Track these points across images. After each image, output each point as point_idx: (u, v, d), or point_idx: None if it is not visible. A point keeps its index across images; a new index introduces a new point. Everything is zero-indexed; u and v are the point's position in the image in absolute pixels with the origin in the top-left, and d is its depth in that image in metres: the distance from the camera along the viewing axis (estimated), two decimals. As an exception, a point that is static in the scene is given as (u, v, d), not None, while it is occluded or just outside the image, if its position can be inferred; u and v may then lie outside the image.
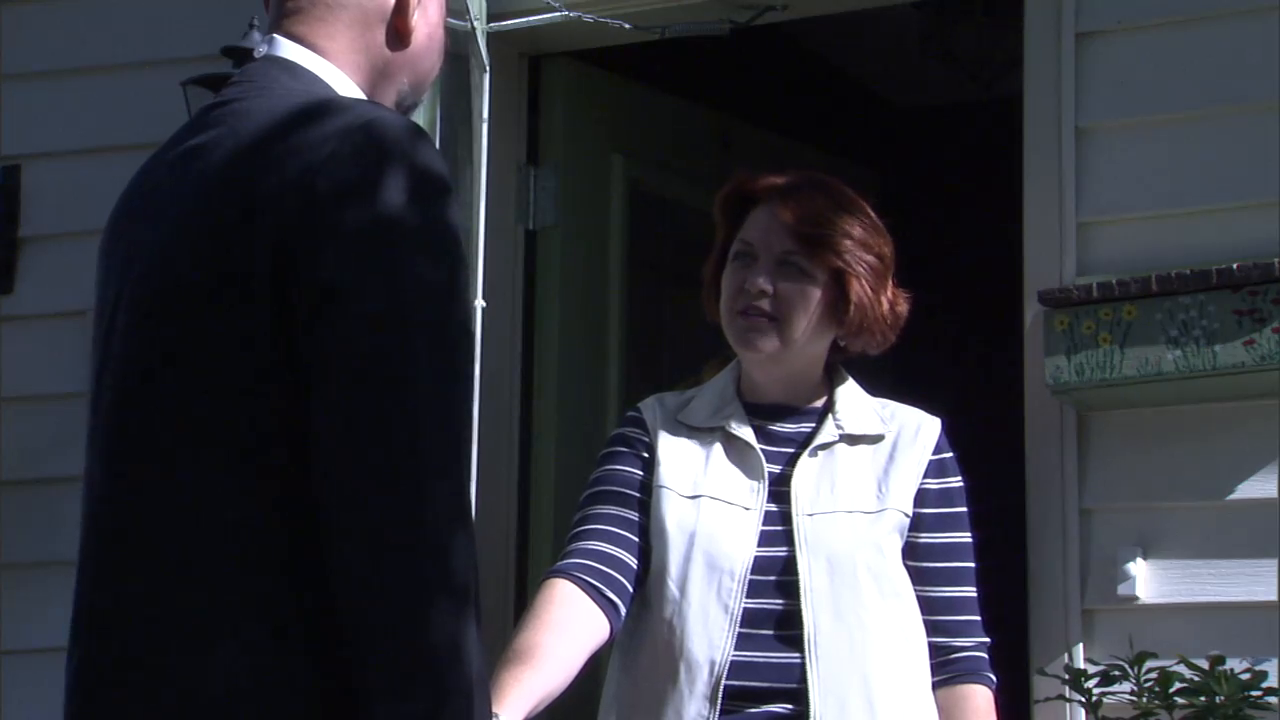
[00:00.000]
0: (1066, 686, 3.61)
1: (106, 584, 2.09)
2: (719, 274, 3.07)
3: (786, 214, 3.00)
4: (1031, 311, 3.90)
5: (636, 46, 4.55)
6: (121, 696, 2.04)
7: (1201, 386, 3.72)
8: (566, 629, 2.83)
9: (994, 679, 2.99)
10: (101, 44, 4.80)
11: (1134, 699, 3.53)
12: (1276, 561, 3.70)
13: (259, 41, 3.93)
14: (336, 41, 2.23)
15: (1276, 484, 3.73)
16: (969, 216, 6.13)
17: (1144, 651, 3.54)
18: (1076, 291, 3.79)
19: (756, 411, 3.04)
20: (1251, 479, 3.75)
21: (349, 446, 1.96)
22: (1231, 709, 3.41)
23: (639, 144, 4.92)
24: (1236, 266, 3.67)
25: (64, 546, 4.36)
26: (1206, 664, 3.48)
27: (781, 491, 2.96)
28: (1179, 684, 3.46)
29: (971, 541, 3.02)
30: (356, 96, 2.20)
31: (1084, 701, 3.60)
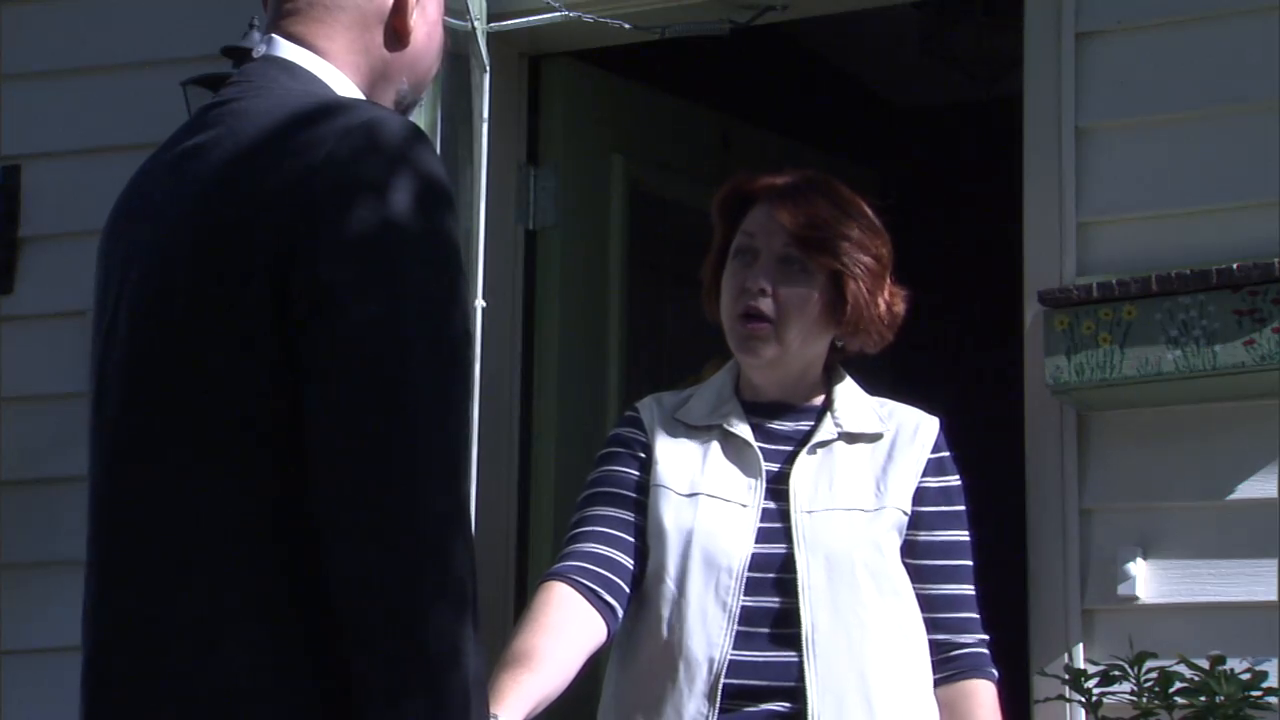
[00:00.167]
0: (1066, 686, 3.61)
1: (108, 584, 2.09)
2: (718, 274, 3.08)
3: (784, 215, 3.00)
4: (1031, 311, 3.90)
5: (636, 46, 4.55)
6: (122, 697, 2.04)
7: (1201, 386, 3.72)
8: (564, 632, 2.83)
9: (997, 674, 3.00)
10: (101, 44, 4.80)
11: (1134, 699, 3.52)
12: (1276, 561, 3.69)
13: (258, 41, 3.93)
14: (335, 42, 2.22)
15: (1276, 484, 3.72)
16: (969, 216, 6.13)
17: (1144, 651, 3.53)
18: (1076, 291, 3.78)
19: (755, 410, 3.05)
20: (1251, 479, 3.75)
21: (348, 447, 1.96)
22: (1232, 709, 3.41)
23: (639, 144, 4.92)
24: (1236, 266, 3.67)
25: (64, 546, 4.41)
26: (1207, 664, 3.48)
27: (780, 489, 2.96)
28: (1179, 684, 3.46)
29: (970, 539, 3.03)
30: (355, 97, 2.20)
31: (1084, 701, 3.60)
